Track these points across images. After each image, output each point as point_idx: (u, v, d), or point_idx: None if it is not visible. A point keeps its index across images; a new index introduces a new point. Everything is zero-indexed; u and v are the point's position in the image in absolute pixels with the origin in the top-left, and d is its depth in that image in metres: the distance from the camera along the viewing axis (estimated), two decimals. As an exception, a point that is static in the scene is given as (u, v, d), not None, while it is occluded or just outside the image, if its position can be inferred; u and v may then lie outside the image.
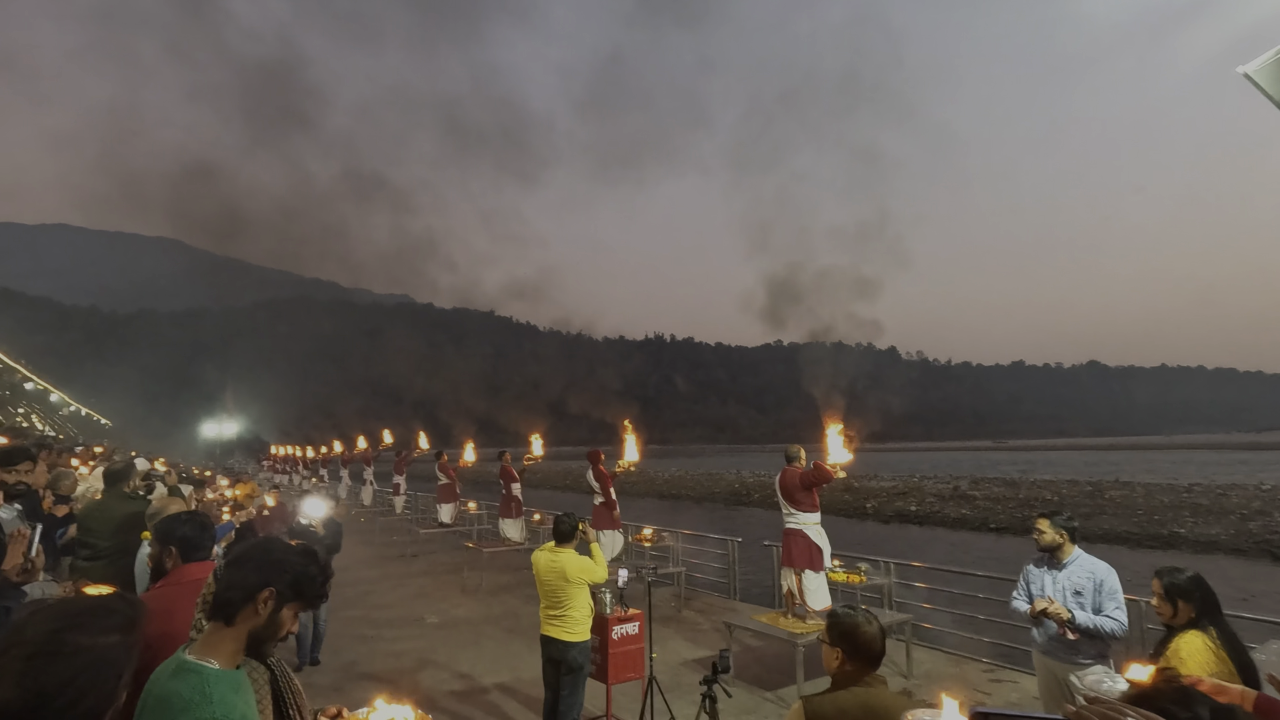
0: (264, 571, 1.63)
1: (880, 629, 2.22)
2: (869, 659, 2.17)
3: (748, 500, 37.97)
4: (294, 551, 1.71)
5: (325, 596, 1.77)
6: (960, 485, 39.75)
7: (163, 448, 50.68)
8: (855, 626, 2.19)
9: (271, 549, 1.70)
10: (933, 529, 27.22)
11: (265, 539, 1.78)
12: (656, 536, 9.74)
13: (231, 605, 1.60)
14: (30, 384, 33.62)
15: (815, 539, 6.28)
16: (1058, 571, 3.93)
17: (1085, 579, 3.83)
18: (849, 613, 2.26)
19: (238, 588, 1.61)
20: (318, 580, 1.71)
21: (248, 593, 1.61)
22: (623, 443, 9.62)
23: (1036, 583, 4.01)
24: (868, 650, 2.17)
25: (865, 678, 2.15)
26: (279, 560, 1.66)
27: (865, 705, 2.06)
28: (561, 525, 4.76)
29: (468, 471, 15.52)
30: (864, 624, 2.19)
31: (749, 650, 6.99)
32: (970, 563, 17.07)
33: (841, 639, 2.19)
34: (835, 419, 6.36)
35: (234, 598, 1.60)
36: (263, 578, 1.62)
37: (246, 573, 1.63)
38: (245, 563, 1.65)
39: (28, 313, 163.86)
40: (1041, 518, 4.07)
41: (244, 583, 1.61)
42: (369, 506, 19.65)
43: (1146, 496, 31.10)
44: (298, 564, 1.68)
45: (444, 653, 7.13)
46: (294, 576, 1.66)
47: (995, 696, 5.84)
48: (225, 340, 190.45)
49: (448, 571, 11.57)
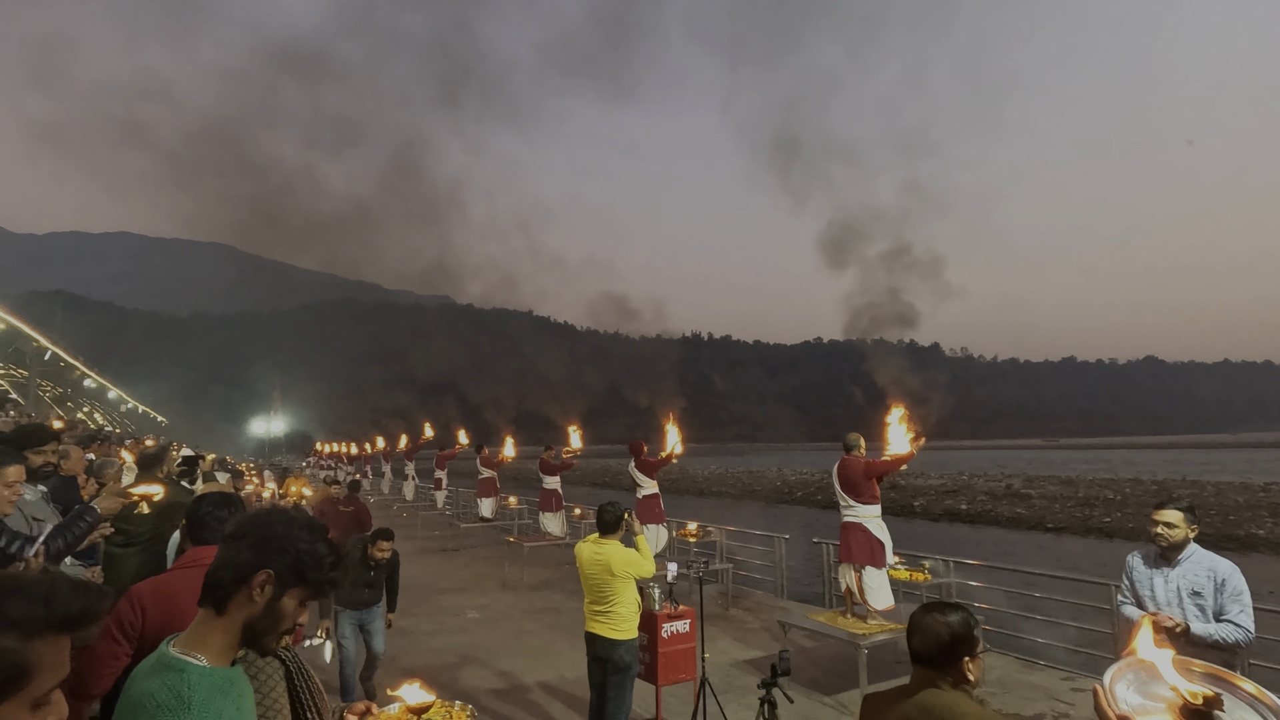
0: (259, 549, 1.31)
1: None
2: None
3: (790, 498, 37.31)
4: (298, 525, 1.37)
5: (337, 583, 1.42)
6: (1013, 483, 38.37)
7: (214, 444, 52.39)
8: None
9: (271, 522, 1.36)
10: (985, 528, 26.25)
11: (268, 510, 1.43)
12: (701, 532, 9.40)
13: (221, 588, 1.29)
14: (89, 381, 34.88)
15: (876, 533, 5.83)
16: (1170, 570, 3.38)
17: (1204, 578, 3.29)
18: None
19: (228, 567, 1.30)
20: (327, 561, 1.37)
21: (240, 574, 1.29)
22: (664, 433, 9.30)
23: (1144, 583, 3.47)
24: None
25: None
26: (278, 536, 1.33)
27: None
28: (605, 515, 4.45)
29: (509, 467, 15.40)
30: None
31: (803, 652, 6.59)
32: (1030, 563, 16.26)
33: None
34: (897, 406, 5.91)
35: (224, 579, 1.30)
36: (257, 557, 1.30)
37: (239, 549, 1.31)
38: (239, 538, 1.33)
39: (94, 317, 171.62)
40: (1166, 508, 3.41)
41: (235, 561, 1.30)
42: (411, 501, 19.75)
43: (1218, 496, 29.50)
44: (302, 541, 1.35)
45: (485, 649, 6.92)
46: (295, 556, 1.32)
47: (1079, 708, 5.33)
48: (274, 341, 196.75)
49: (488, 566, 11.42)
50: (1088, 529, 24.42)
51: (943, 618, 1.84)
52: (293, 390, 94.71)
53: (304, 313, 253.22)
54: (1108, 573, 7.77)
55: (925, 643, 1.84)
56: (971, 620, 1.85)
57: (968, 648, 1.81)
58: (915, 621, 1.88)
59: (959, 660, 1.80)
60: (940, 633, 1.82)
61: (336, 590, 1.43)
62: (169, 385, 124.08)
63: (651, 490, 9.18)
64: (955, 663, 1.80)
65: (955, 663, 1.80)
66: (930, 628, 1.84)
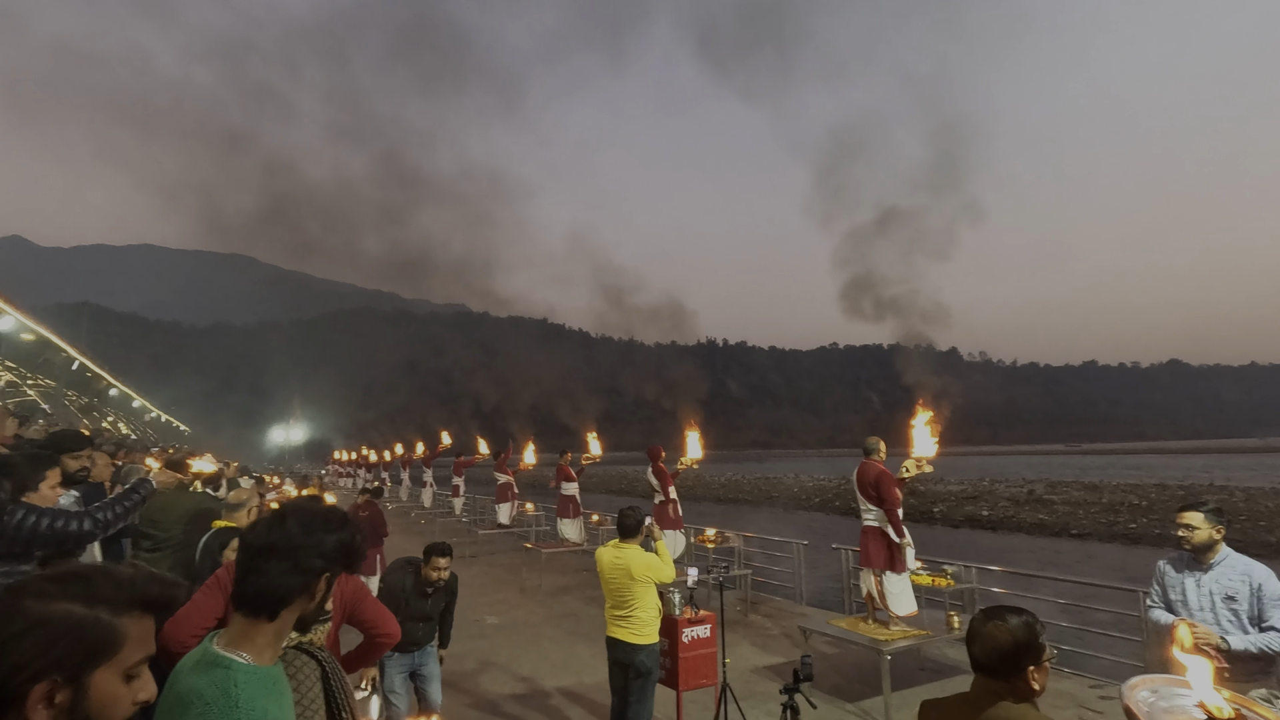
0: (316, 556, 1.40)
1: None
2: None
3: (808, 505, 37.03)
4: (322, 522, 1.45)
5: (365, 555, 1.57)
6: (1035, 489, 37.80)
7: (235, 452, 53.04)
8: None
9: (308, 526, 1.43)
10: (1007, 534, 25.88)
11: (278, 515, 1.48)
12: (720, 537, 9.35)
13: (280, 601, 1.34)
14: (114, 390, 35.53)
15: (896, 537, 5.78)
16: (1203, 574, 3.28)
17: (1239, 582, 3.18)
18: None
19: (286, 579, 1.36)
20: (356, 542, 1.50)
21: (304, 583, 1.37)
22: (684, 440, 9.27)
23: (1175, 587, 3.36)
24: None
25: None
26: (319, 541, 1.42)
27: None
28: (626, 519, 4.46)
29: (528, 474, 15.42)
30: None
31: (825, 658, 6.53)
32: (1055, 569, 15.98)
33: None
34: (922, 409, 5.85)
35: (283, 592, 1.35)
36: (315, 563, 1.40)
37: (296, 561, 1.37)
38: (289, 551, 1.38)
39: (118, 327, 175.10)
40: (1188, 510, 3.33)
41: (295, 572, 1.37)
42: (429, 508, 19.85)
43: (1248, 501, 28.83)
44: (344, 538, 1.46)
45: (505, 654, 6.93)
46: (345, 553, 1.46)
47: (1109, 715, 5.23)
48: (293, 350, 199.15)
49: (507, 572, 11.44)
50: (1113, 535, 23.98)
51: (1004, 623, 1.71)
52: (311, 398, 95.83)
53: (322, 322, 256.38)
54: (1134, 579, 7.64)
55: (986, 650, 1.72)
56: (1036, 626, 1.72)
57: (1032, 656, 1.68)
58: (975, 628, 1.76)
59: (1023, 669, 1.67)
60: (1002, 640, 1.69)
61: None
62: (191, 394, 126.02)
63: (668, 495, 9.15)
64: (1019, 672, 1.68)
65: (1019, 672, 1.68)
66: (991, 635, 1.71)
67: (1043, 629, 1.72)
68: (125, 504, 2.84)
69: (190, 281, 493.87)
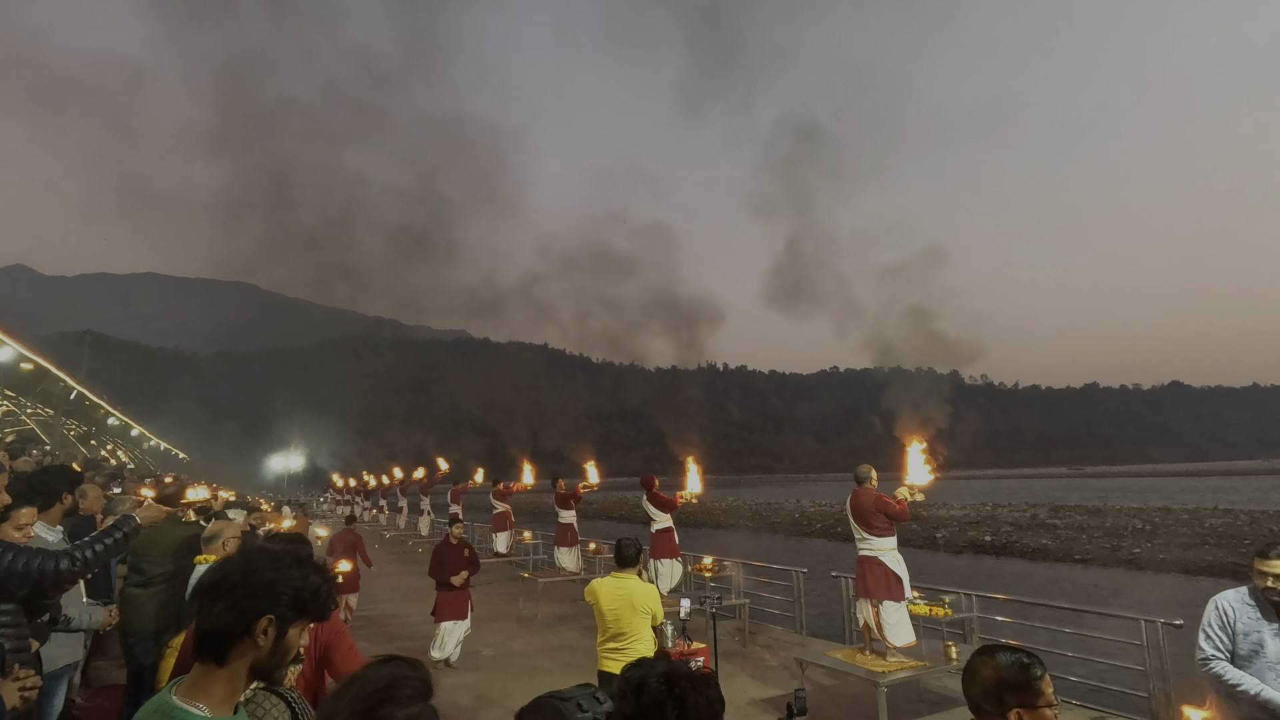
0: (256, 596, 1.32)
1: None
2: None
3: (809, 530, 36.71)
4: (283, 562, 1.38)
5: (334, 605, 1.48)
6: (1038, 513, 37.51)
7: (234, 480, 52.76)
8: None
9: (256, 565, 1.36)
10: (1010, 560, 25.61)
11: (243, 553, 1.44)
12: (717, 566, 9.27)
13: (222, 642, 1.29)
14: (113, 419, 35.49)
15: (893, 566, 5.74)
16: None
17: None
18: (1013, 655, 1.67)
19: (225, 619, 1.30)
20: (323, 591, 1.41)
21: (241, 625, 1.30)
22: (684, 473, 9.18)
23: (1250, 633, 2.85)
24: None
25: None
26: (270, 581, 1.34)
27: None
28: (626, 550, 4.45)
29: (525, 500, 15.35)
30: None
31: (822, 690, 6.44)
32: (1057, 596, 15.79)
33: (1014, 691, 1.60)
34: (917, 437, 5.85)
35: (223, 632, 1.29)
36: (256, 604, 1.31)
37: (235, 600, 1.31)
38: (229, 589, 1.32)
39: (119, 356, 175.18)
40: (1273, 558, 2.86)
41: (232, 613, 1.30)
42: (426, 536, 19.70)
43: (1253, 524, 28.57)
44: (295, 579, 1.37)
45: (499, 687, 6.83)
46: (293, 595, 1.36)
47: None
48: (294, 378, 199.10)
49: (503, 602, 11.32)
50: (1117, 560, 23.73)
51: (992, 660, 1.63)
52: (312, 426, 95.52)
53: (324, 349, 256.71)
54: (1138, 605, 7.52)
55: (972, 687, 1.65)
56: (1033, 668, 1.60)
57: (1019, 698, 1.57)
58: (967, 664, 1.69)
59: (1005, 710, 1.58)
60: (986, 676, 1.62)
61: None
62: (191, 422, 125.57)
63: (665, 524, 9.11)
64: (1002, 712, 1.59)
65: (1002, 712, 1.59)
66: (976, 670, 1.65)
67: (1041, 672, 1.60)
68: (106, 542, 2.78)
69: (192, 310, 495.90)
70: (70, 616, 3.61)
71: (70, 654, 3.81)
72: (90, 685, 4.82)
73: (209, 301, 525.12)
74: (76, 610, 3.68)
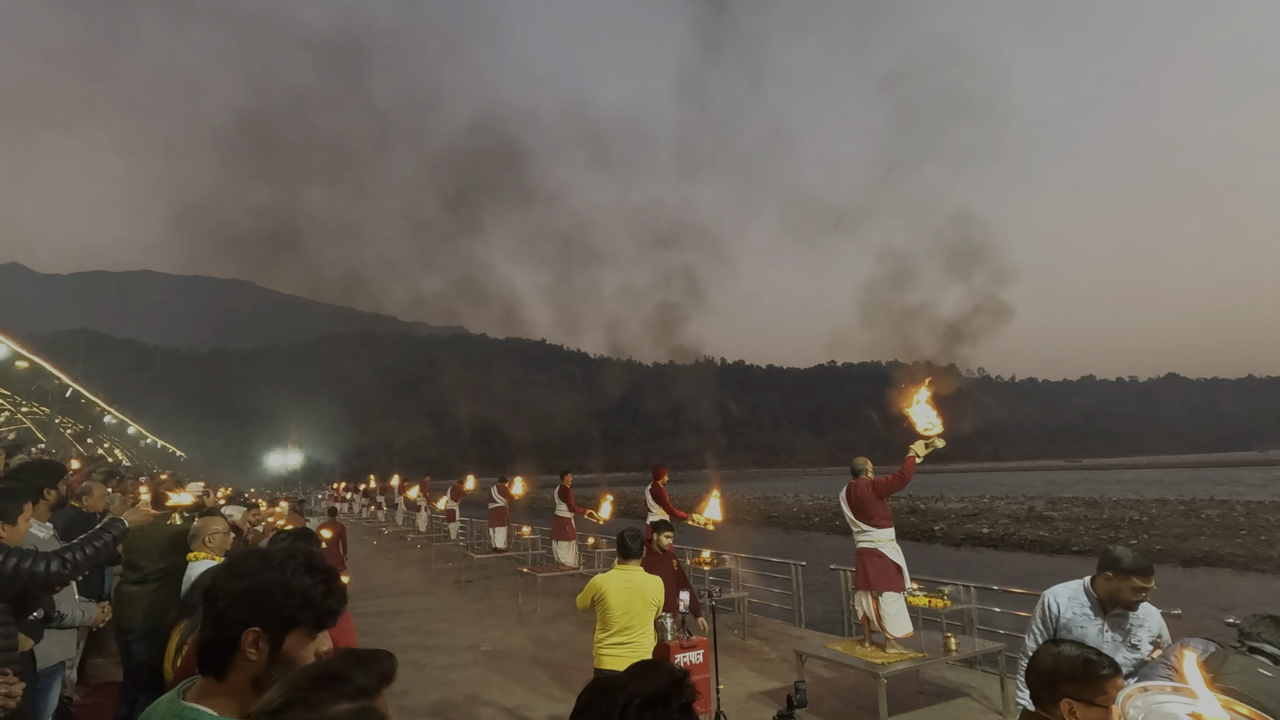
0: (239, 607, 1.20)
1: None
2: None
3: (808, 524, 36.80)
4: (271, 566, 1.24)
5: (337, 609, 1.28)
6: (1035, 505, 37.63)
7: (232, 477, 52.73)
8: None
9: (243, 573, 1.23)
10: (1009, 552, 25.69)
11: (231, 560, 1.33)
12: (715, 560, 9.26)
13: (216, 656, 1.20)
14: (109, 417, 35.38)
15: (893, 557, 5.72)
16: None
17: None
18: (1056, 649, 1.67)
19: (208, 633, 1.21)
20: (315, 592, 1.24)
21: (227, 638, 1.19)
22: (706, 499, 8.86)
23: (1073, 630, 2.85)
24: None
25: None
26: (252, 588, 1.21)
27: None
28: (630, 541, 4.38)
29: (527, 496, 15.24)
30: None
31: (822, 682, 6.44)
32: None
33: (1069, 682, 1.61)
34: (923, 384, 5.53)
35: (211, 647, 1.20)
36: (239, 616, 1.19)
37: (218, 611, 1.21)
38: (212, 598, 1.22)
39: (116, 354, 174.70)
40: (1149, 575, 2.78)
41: (218, 625, 1.20)
42: (424, 533, 19.70)
43: (1249, 515, 28.68)
44: (277, 585, 1.22)
45: (498, 684, 6.82)
46: (278, 602, 1.21)
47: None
48: (291, 375, 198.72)
49: (502, 597, 11.32)
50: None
51: (1054, 647, 1.69)
52: (309, 423, 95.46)
53: (320, 346, 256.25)
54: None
55: (1030, 671, 1.70)
56: (1092, 662, 1.60)
57: (1072, 687, 1.59)
58: (1035, 651, 1.75)
59: (1058, 698, 1.60)
60: (1044, 662, 1.66)
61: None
62: (189, 419, 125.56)
63: (661, 518, 9.06)
64: (1055, 700, 1.60)
65: (1055, 700, 1.60)
66: (1038, 656, 1.70)
67: (1109, 672, 1.59)
68: (95, 544, 2.77)
69: (189, 307, 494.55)
70: (64, 614, 3.60)
71: (63, 651, 3.80)
72: (87, 683, 4.80)
73: (206, 299, 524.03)
74: (69, 607, 3.67)
